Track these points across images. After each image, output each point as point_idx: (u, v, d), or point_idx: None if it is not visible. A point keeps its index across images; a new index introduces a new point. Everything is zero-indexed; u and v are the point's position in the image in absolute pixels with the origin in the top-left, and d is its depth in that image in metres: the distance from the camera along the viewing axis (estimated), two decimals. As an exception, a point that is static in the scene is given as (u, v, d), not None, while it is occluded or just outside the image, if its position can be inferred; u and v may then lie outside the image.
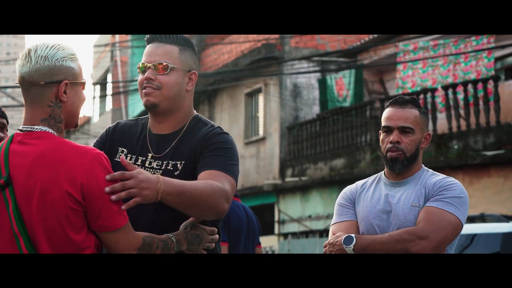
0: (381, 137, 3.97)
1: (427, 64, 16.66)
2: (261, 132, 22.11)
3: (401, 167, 3.86)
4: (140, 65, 3.43)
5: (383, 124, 3.95)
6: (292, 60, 19.49)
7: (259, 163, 21.75)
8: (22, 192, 2.85)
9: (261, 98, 22.12)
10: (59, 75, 2.93)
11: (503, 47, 15.49)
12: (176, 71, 3.41)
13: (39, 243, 2.83)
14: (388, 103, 4.02)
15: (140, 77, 3.43)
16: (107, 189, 2.85)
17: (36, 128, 2.93)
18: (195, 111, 3.53)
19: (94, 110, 37.96)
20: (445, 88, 15.71)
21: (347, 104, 18.88)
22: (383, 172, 4.03)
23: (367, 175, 15.30)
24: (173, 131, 3.46)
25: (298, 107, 20.87)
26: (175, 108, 3.43)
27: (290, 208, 19.96)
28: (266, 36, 20.27)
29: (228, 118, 23.42)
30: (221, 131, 3.43)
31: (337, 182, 17.57)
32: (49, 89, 2.93)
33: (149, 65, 3.41)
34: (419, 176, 3.90)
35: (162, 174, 3.27)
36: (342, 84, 19.08)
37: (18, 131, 2.95)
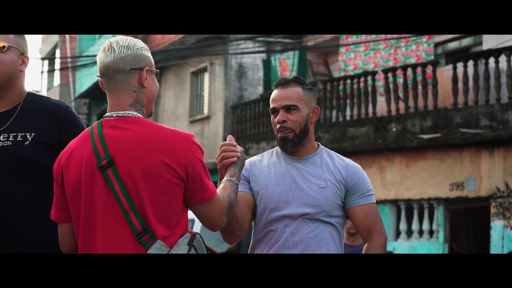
0: (271, 118, 4.00)
1: (369, 47, 16.83)
2: (205, 111, 22.13)
3: (292, 145, 3.90)
4: None
5: (270, 106, 3.98)
6: (238, 40, 19.47)
7: (203, 142, 21.78)
8: (127, 173, 3.04)
9: (206, 77, 22.14)
10: (140, 63, 3.16)
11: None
12: (12, 51, 3.63)
13: (149, 218, 3.04)
14: (274, 86, 4.03)
15: None
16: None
17: (128, 113, 3.14)
18: (27, 90, 3.73)
19: (42, 85, 37.60)
20: (385, 71, 15.91)
21: (290, 85, 18.90)
22: (278, 148, 4.06)
23: None
24: (11, 108, 3.66)
25: (242, 87, 20.94)
26: (10, 85, 3.63)
27: (233, 186, 20.00)
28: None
29: (173, 96, 23.40)
30: (67, 105, 3.72)
31: (278, 162, 17.61)
32: (133, 75, 3.15)
33: None
34: (320, 155, 3.97)
35: (11, 145, 3.56)
36: (286, 65, 19.13)
37: (106, 117, 3.15)
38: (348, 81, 16.66)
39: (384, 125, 15.65)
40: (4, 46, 3.61)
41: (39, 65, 39.85)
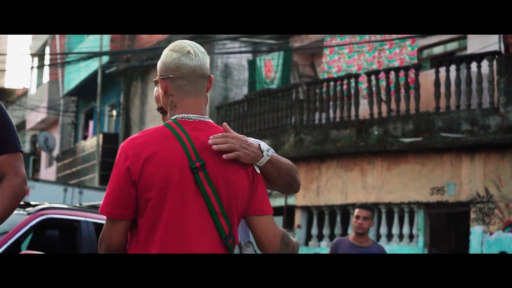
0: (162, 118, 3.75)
1: (353, 49, 16.86)
2: (191, 111, 22.12)
3: None
4: None
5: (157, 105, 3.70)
6: (224, 40, 19.47)
7: (188, 142, 21.80)
8: (218, 176, 3.08)
9: (192, 77, 22.11)
10: (209, 70, 3.24)
11: (424, 36, 15.77)
12: None
13: (234, 222, 3.12)
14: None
15: None
16: (210, 141, 3.09)
17: (206, 118, 3.18)
18: None
19: (32, 82, 37.61)
20: (369, 74, 15.94)
21: (274, 86, 18.92)
22: None
23: (290, 157, 15.39)
24: None
25: (228, 88, 20.96)
26: None
27: (216, 186, 20.02)
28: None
29: (160, 96, 23.40)
30: None
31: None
32: (207, 81, 3.22)
33: None
34: None
35: None
36: (271, 66, 19.13)
37: (183, 118, 3.15)
38: (332, 83, 16.69)
39: (366, 128, 15.69)
40: None
41: (29, 62, 39.84)
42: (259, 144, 3.26)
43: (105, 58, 25.14)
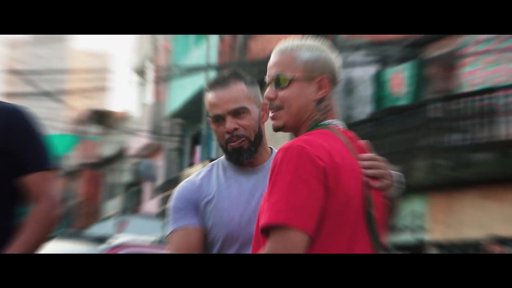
0: (213, 127, 3.58)
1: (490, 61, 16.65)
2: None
3: (248, 156, 3.50)
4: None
5: (210, 113, 3.57)
6: (345, 51, 18.87)
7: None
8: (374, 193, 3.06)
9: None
10: None
11: None
12: None
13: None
14: (208, 87, 3.62)
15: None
16: (364, 163, 2.95)
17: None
18: None
19: (133, 103, 38.69)
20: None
21: (404, 102, 18.60)
22: (223, 159, 3.62)
23: (422, 185, 14.87)
24: None
25: (350, 105, 20.31)
26: None
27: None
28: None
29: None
30: (23, 109, 3.71)
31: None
32: None
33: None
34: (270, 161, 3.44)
35: None
36: (400, 80, 18.92)
37: (337, 125, 3.01)
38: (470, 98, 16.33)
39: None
40: None
41: (130, 78, 42.06)
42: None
43: (212, 74, 24.82)
